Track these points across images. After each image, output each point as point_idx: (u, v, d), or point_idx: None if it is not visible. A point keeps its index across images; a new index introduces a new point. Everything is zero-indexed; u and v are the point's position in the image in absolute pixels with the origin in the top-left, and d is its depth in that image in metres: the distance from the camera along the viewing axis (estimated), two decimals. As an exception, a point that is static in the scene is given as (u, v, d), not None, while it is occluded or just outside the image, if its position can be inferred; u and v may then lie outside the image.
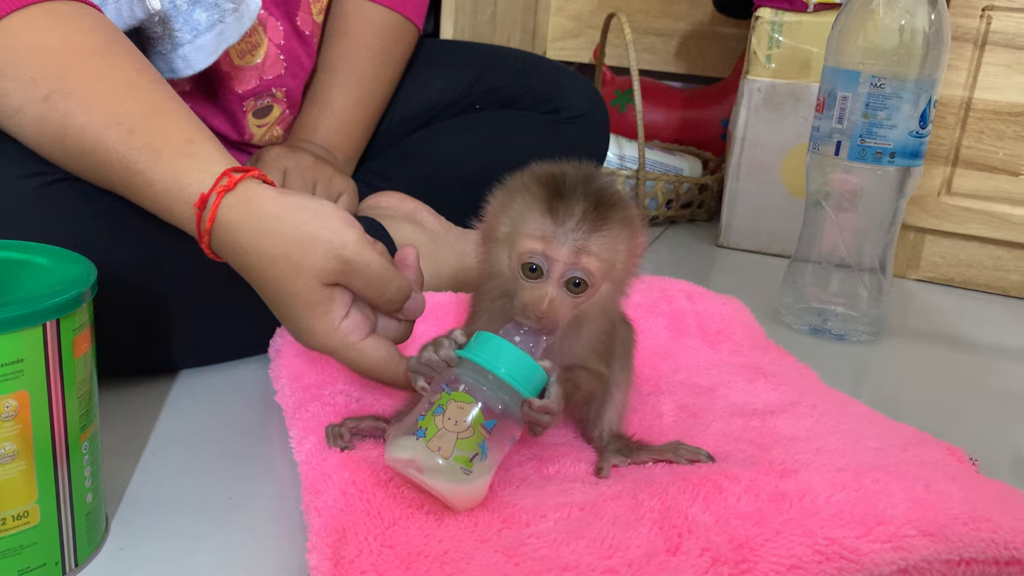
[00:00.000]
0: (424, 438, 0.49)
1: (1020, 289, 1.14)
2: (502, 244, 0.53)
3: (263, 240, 0.55)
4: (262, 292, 0.57)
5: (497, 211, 0.54)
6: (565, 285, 0.51)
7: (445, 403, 0.49)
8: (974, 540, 0.49)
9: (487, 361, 0.50)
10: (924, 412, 0.80)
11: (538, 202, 0.51)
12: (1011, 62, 1.07)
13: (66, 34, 0.61)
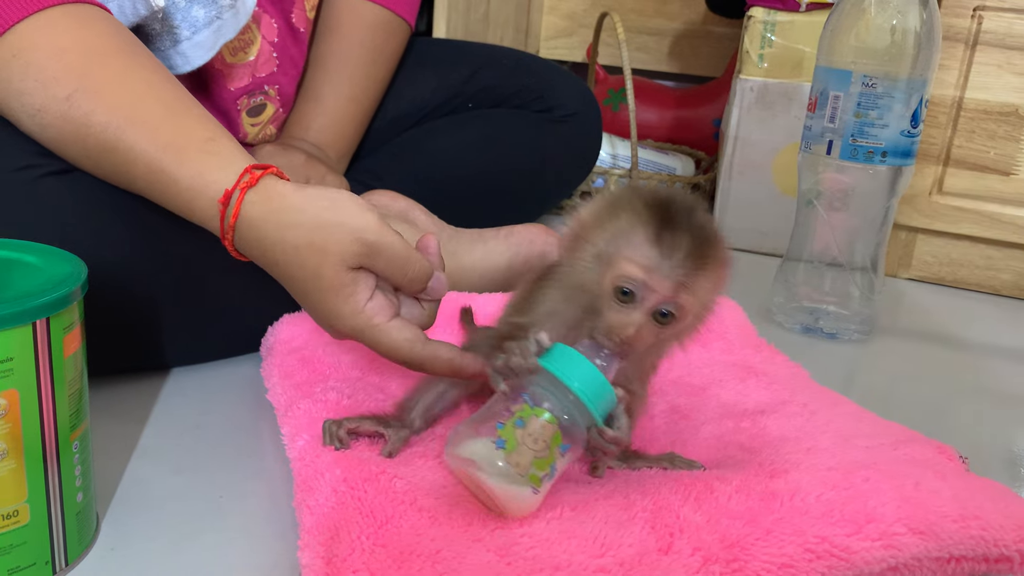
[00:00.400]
0: (504, 449, 0.48)
1: (1011, 288, 1.14)
2: (594, 257, 0.52)
3: (287, 231, 0.56)
4: (289, 282, 0.58)
5: (595, 222, 0.53)
6: (653, 315, 0.51)
7: (527, 417, 0.49)
8: (964, 538, 0.49)
9: (571, 381, 0.50)
10: (915, 411, 0.80)
11: (645, 228, 0.50)
12: (1002, 62, 1.07)
13: (86, 35, 0.61)
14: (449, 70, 1.03)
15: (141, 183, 0.61)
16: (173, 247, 0.68)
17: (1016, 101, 1.07)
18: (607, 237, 0.51)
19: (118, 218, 0.66)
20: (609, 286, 0.51)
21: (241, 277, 0.72)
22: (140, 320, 0.69)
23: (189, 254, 0.69)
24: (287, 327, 0.72)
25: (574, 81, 1.10)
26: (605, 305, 0.51)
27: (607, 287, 0.51)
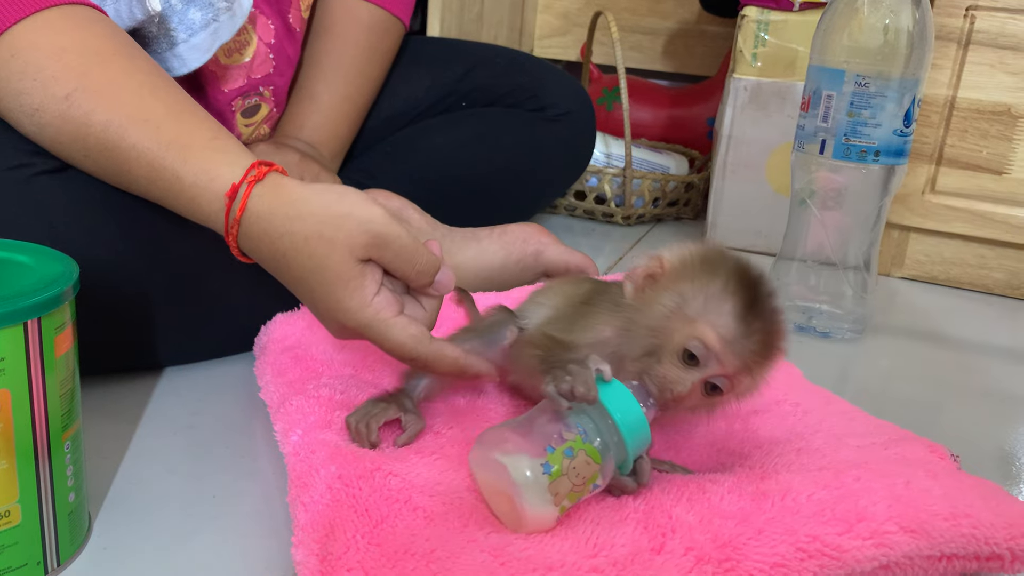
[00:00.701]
0: (548, 475, 0.48)
1: (1003, 287, 1.15)
2: (673, 308, 0.52)
3: (295, 223, 0.56)
4: (294, 277, 0.57)
5: (682, 274, 0.53)
6: (705, 383, 0.52)
7: (576, 450, 0.49)
8: (955, 536, 0.50)
9: (622, 424, 0.50)
10: (908, 409, 0.80)
11: (734, 301, 0.51)
12: (994, 61, 1.07)
13: (85, 36, 0.62)
14: (443, 69, 1.03)
15: (143, 182, 0.61)
16: (167, 246, 0.68)
17: (1008, 100, 1.08)
18: (693, 295, 0.52)
19: (111, 217, 0.65)
20: (680, 342, 0.52)
21: (235, 276, 0.72)
22: (133, 319, 0.69)
23: (183, 253, 0.69)
24: (280, 326, 0.72)
25: (568, 80, 1.10)
26: (666, 357, 0.52)
27: (677, 342, 0.52)
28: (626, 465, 0.52)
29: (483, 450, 0.51)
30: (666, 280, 0.54)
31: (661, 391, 0.52)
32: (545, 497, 0.48)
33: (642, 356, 0.53)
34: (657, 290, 0.54)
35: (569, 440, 0.49)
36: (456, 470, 0.55)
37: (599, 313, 0.57)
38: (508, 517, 0.50)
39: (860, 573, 0.49)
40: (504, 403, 0.65)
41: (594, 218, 1.34)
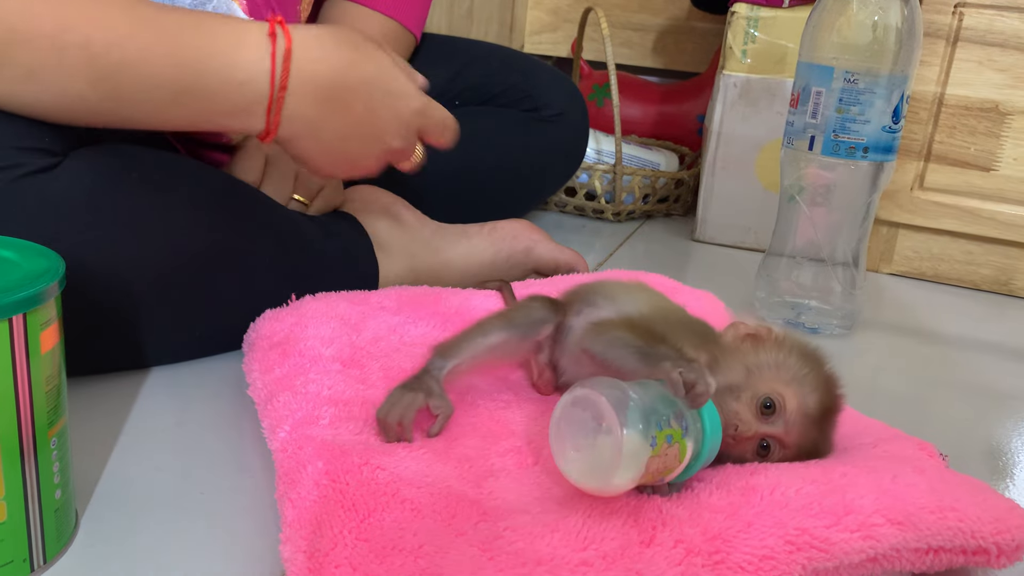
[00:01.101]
0: (651, 450, 0.48)
1: (991, 283, 1.15)
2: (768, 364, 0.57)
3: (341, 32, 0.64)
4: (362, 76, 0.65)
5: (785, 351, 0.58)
6: (761, 439, 0.56)
7: (675, 441, 0.50)
8: (941, 529, 0.50)
9: (708, 437, 0.52)
10: (896, 405, 0.81)
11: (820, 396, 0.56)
12: (982, 58, 1.08)
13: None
14: (435, 67, 1.03)
15: (166, 78, 0.59)
16: (156, 245, 0.68)
17: (996, 97, 1.08)
18: (792, 369, 0.57)
19: (101, 216, 0.65)
20: (767, 392, 0.55)
21: (225, 274, 0.72)
22: (121, 318, 0.69)
23: (172, 253, 0.69)
24: (268, 322, 0.72)
25: (561, 79, 1.10)
26: (745, 399, 0.56)
27: (763, 390, 0.55)
28: (684, 475, 0.52)
29: (596, 395, 0.49)
30: (769, 345, 0.58)
31: (726, 425, 0.54)
32: (639, 467, 0.48)
33: (723, 388, 0.55)
34: (756, 348, 0.58)
35: (676, 428, 0.50)
36: (444, 462, 0.55)
37: (692, 336, 0.59)
38: (577, 470, 0.49)
39: (848, 565, 0.49)
40: (496, 400, 0.65)
41: (584, 214, 1.34)
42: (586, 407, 0.49)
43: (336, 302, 0.74)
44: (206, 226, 0.70)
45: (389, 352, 0.69)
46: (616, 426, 0.47)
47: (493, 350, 0.63)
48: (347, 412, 0.59)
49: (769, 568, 0.47)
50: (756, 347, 0.58)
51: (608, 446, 0.48)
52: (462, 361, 0.62)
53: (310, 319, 0.71)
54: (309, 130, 0.63)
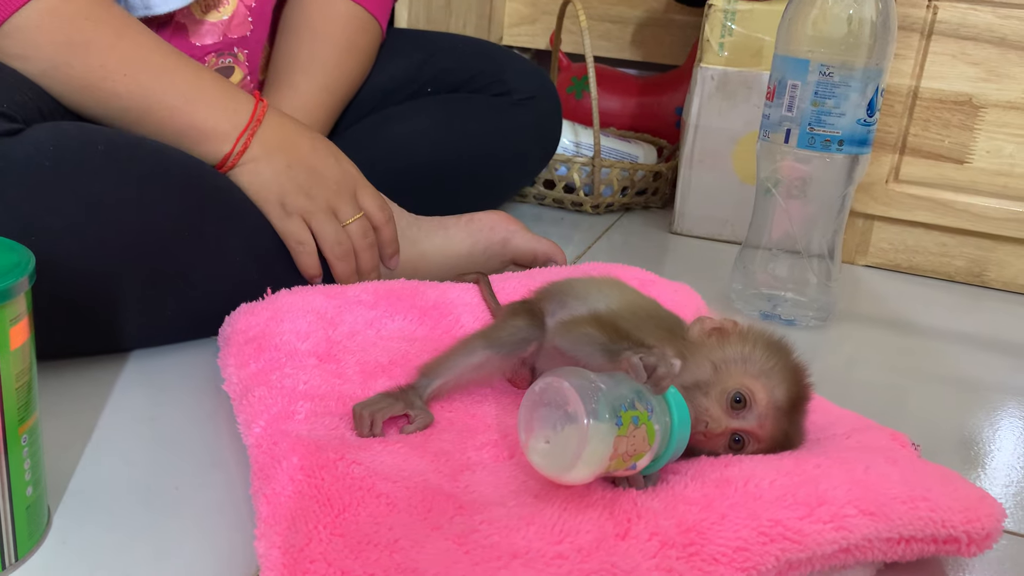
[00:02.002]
0: (617, 430, 0.49)
1: (964, 275, 1.16)
2: (736, 359, 0.57)
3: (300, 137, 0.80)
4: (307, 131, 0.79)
5: (751, 343, 0.58)
6: (733, 433, 0.56)
7: (642, 422, 0.50)
8: (913, 518, 0.50)
9: (676, 422, 0.52)
10: (871, 395, 0.81)
11: (789, 387, 0.57)
12: (956, 52, 1.09)
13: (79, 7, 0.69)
14: (406, 55, 1.02)
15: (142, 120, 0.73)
16: (131, 231, 0.67)
17: (970, 91, 1.09)
18: (760, 361, 0.57)
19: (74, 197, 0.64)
20: (735, 386, 0.56)
21: (201, 257, 0.72)
22: (96, 301, 0.68)
23: (143, 236, 0.68)
24: (243, 317, 0.71)
25: (530, 65, 1.10)
26: (715, 394, 0.56)
27: (733, 385, 0.56)
28: (657, 464, 0.53)
29: (558, 381, 0.50)
30: (735, 339, 0.58)
31: (696, 422, 0.54)
32: (606, 448, 0.48)
33: (692, 384, 0.56)
34: (722, 342, 0.58)
35: (640, 410, 0.50)
36: (420, 457, 0.55)
37: (659, 331, 0.59)
38: (547, 460, 0.49)
39: (821, 556, 0.49)
40: (472, 394, 0.65)
41: (563, 207, 1.34)
42: (552, 396, 0.50)
43: (312, 296, 0.74)
44: (175, 203, 0.70)
45: (366, 346, 0.69)
46: (581, 411, 0.48)
47: (478, 369, 0.63)
48: (323, 407, 0.59)
49: (743, 559, 0.47)
50: (722, 341, 0.58)
51: (574, 432, 0.48)
52: (447, 380, 0.62)
53: (285, 313, 0.70)
54: (265, 157, 0.76)
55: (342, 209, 0.79)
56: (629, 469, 0.51)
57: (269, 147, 0.76)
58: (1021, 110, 1.08)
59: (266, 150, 0.76)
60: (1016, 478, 0.68)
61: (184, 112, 0.73)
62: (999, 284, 1.15)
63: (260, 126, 0.76)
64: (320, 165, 0.78)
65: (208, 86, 0.74)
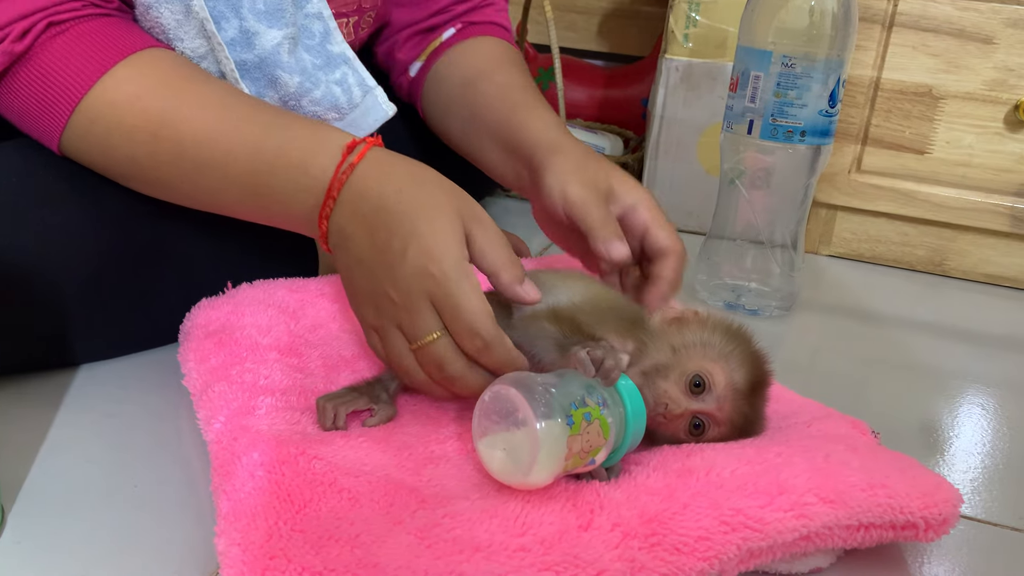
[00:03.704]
0: (569, 430, 0.49)
1: (925, 264, 1.18)
2: (695, 343, 0.57)
3: (423, 172, 0.59)
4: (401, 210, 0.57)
5: (711, 330, 0.58)
6: (693, 416, 0.56)
7: (594, 418, 0.50)
8: (872, 505, 0.51)
9: (631, 414, 0.53)
10: (833, 383, 0.82)
11: (748, 371, 0.57)
12: (916, 43, 1.10)
13: (154, 79, 0.64)
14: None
15: (243, 176, 0.62)
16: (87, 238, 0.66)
17: (930, 82, 1.10)
18: (718, 346, 0.57)
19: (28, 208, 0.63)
20: (695, 369, 0.56)
21: (160, 270, 0.70)
22: (50, 316, 0.67)
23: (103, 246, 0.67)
24: (204, 311, 0.70)
25: None
26: (674, 377, 0.56)
27: (691, 368, 0.56)
28: (616, 455, 0.53)
29: (505, 388, 0.50)
30: (694, 326, 0.59)
31: (656, 404, 0.55)
32: (560, 449, 0.48)
33: (651, 369, 0.56)
34: (683, 329, 0.59)
35: (591, 406, 0.50)
36: (383, 451, 0.54)
37: (620, 323, 0.59)
38: (504, 467, 0.50)
39: (782, 544, 0.50)
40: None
41: (530, 199, 1.34)
42: (501, 404, 0.50)
43: (274, 289, 0.73)
44: (137, 219, 0.68)
45: (328, 340, 0.69)
46: (531, 416, 0.48)
47: None
48: (284, 401, 0.59)
49: (705, 549, 0.48)
50: (682, 328, 0.59)
51: (525, 437, 0.49)
52: None
53: (247, 307, 0.69)
54: (342, 245, 0.60)
55: (408, 327, 0.56)
56: (588, 465, 0.51)
57: (344, 231, 0.59)
58: (979, 101, 1.09)
59: (341, 236, 0.59)
60: (973, 464, 0.69)
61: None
62: (959, 273, 1.17)
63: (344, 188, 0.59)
64: (383, 259, 0.56)
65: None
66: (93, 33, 0.63)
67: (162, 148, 0.63)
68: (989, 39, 1.08)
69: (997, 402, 0.81)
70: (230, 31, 0.69)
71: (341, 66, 0.74)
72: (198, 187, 0.65)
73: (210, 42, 0.68)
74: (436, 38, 0.87)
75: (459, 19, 0.88)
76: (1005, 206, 1.11)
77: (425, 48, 0.88)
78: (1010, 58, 1.08)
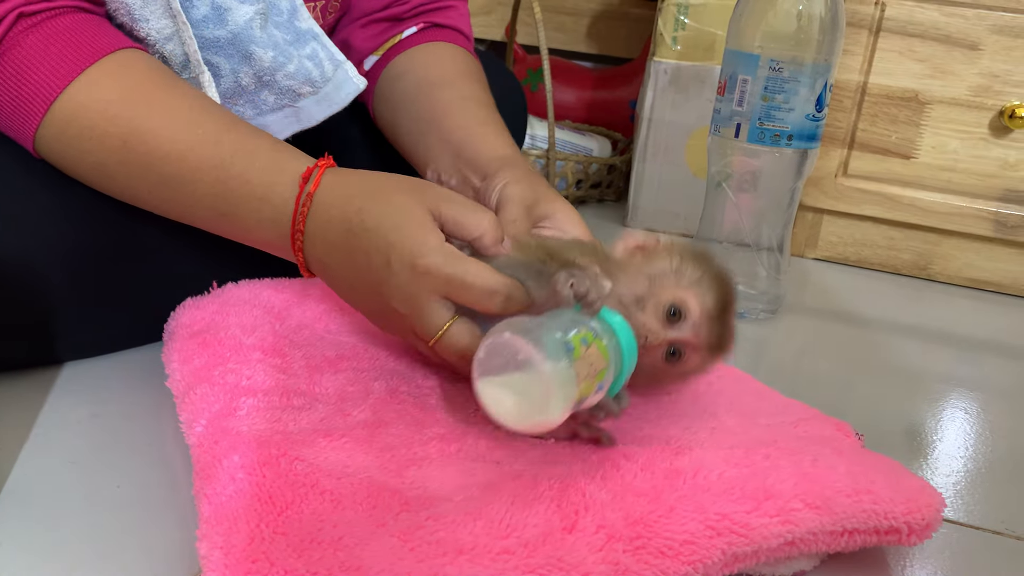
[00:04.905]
0: (571, 355, 0.49)
1: (910, 268, 1.19)
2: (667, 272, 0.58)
3: (372, 182, 0.60)
4: (368, 227, 0.57)
5: (677, 257, 0.59)
6: (669, 345, 0.57)
7: (590, 341, 0.50)
8: (856, 512, 0.51)
9: (623, 339, 0.53)
10: (819, 386, 0.83)
11: (717, 293, 0.58)
12: (903, 48, 1.10)
13: (127, 82, 0.63)
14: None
15: (207, 196, 0.62)
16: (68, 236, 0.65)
17: (916, 87, 1.11)
18: (688, 272, 0.58)
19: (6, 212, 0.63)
20: (670, 299, 0.57)
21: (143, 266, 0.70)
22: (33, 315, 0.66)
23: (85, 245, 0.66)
24: (189, 311, 0.70)
25: (498, 67, 1.09)
26: (651, 308, 0.57)
27: (666, 299, 0.57)
28: (617, 384, 0.53)
29: (497, 337, 0.50)
30: (660, 254, 0.59)
31: (636, 336, 0.55)
32: (570, 376, 0.49)
33: (628, 302, 0.57)
34: (648, 259, 0.59)
35: (584, 332, 0.51)
36: (365, 452, 0.54)
37: (585, 252, 0.60)
38: (519, 410, 0.50)
39: (767, 549, 0.50)
40: (420, 387, 0.64)
41: (517, 200, 1.34)
42: (499, 352, 0.50)
43: (260, 289, 0.73)
44: (120, 215, 0.68)
45: (313, 341, 0.68)
46: (533, 353, 0.48)
47: None
48: (266, 402, 0.58)
49: (689, 553, 0.48)
50: (649, 257, 0.60)
51: (533, 375, 0.49)
52: None
53: (232, 307, 0.69)
54: (327, 275, 0.63)
55: (421, 329, 0.58)
56: (598, 391, 0.52)
57: (323, 261, 0.61)
58: (965, 106, 1.10)
59: (322, 266, 0.62)
60: (957, 467, 0.69)
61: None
62: (943, 277, 1.18)
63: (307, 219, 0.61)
64: (371, 277, 0.58)
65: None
66: (67, 31, 0.62)
67: (131, 158, 0.62)
68: (975, 45, 1.08)
69: (980, 406, 0.81)
70: (202, 8, 0.68)
71: (310, 42, 0.74)
72: (168, 201, 0.64)
73: (175, 22, 0.67)
74: (396, 34, 0.86)
75: (421, 17, 0.87)
76: (989, 211, 1.12)
77: (384, 43, 0.86)
78: (995, 64, 1.08)
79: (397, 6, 0.86)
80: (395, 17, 0.87)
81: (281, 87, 0.73)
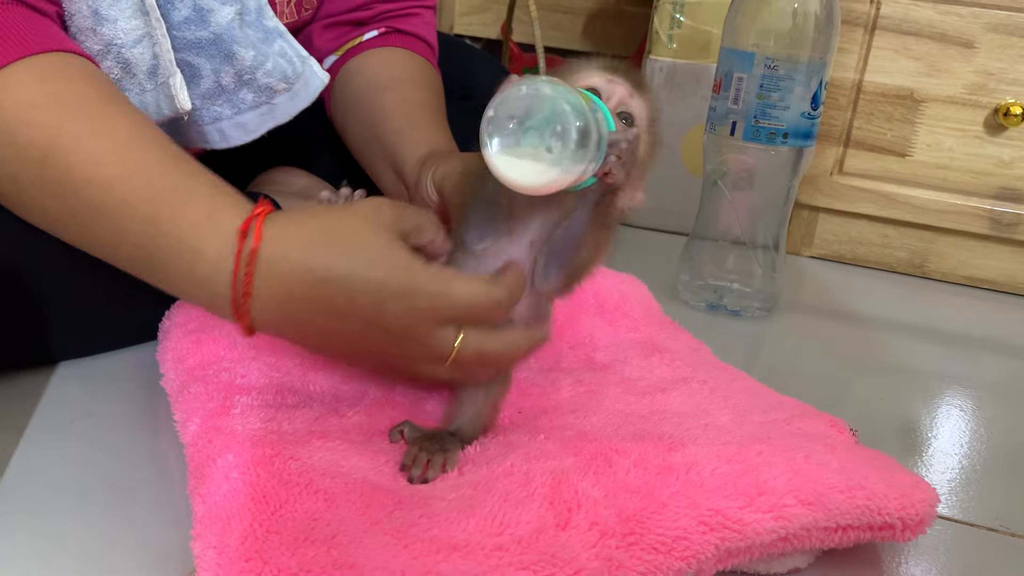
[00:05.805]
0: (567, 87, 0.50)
1: (905, 266, 1.19)
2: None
3: (326, 217, 0.53)
4: (341, 274, 0.51)
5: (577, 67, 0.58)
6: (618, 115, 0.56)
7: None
8: (850, 507, 0.51)
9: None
10: (814, 384, 0.83)
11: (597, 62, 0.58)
12: (898, 47, 1.10)
13: (58, 88, 0.55)
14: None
15: (132, 238, 0.53)
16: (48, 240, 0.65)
17: (911, 85, 1.11)
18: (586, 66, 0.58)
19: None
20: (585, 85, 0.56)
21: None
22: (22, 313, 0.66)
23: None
24: (184, 309, 0.70)
25: (495, 67, 1.09)
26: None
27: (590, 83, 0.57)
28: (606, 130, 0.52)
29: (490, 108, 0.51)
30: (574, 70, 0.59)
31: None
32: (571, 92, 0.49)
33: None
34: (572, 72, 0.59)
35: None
36: (360, 453, 0.54)
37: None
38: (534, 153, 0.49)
39: (760, 545, 0.50)
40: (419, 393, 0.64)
41: (513, 198, 1.34)
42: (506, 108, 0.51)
43: (255, 288, 0.73)
44: None
45: (308, 338, 0.68)
46: (530, 84, 0.49)
47: None
48: (260, 400, 0.58)
49: (683, 549, 0.48)
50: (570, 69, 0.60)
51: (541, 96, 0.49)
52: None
53: (227, 305, 0.69)
54: (292, 330, 0.54)
55: (436, 357, 0.54)
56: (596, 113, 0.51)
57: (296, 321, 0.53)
58: (960, 104, 1.10)
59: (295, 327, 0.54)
60: (951, 464, 0.70)
61: None
62: (938, 275, 1.18)
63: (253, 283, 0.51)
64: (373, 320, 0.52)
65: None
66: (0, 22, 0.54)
67: (49, 175, 0.53)
68: (970, 43, 1.08)
69: (975, 403, 0.82)
70: (183, 10, 0.65)
71: (278, 39, 0.73)
72: (90, 232, 0.55)
73: (147, 21, 0.62)
74: (357, 36, 0.85)
75: (384, 22, 0.86)
76: (985, 209, 1.12)
77: (344, 44, 0.85)
78: (990, 62, 1.08)
79: (362, 11, 0.85)
80: (359, 21, 0.86)
81: (260, 85, 0.72)
